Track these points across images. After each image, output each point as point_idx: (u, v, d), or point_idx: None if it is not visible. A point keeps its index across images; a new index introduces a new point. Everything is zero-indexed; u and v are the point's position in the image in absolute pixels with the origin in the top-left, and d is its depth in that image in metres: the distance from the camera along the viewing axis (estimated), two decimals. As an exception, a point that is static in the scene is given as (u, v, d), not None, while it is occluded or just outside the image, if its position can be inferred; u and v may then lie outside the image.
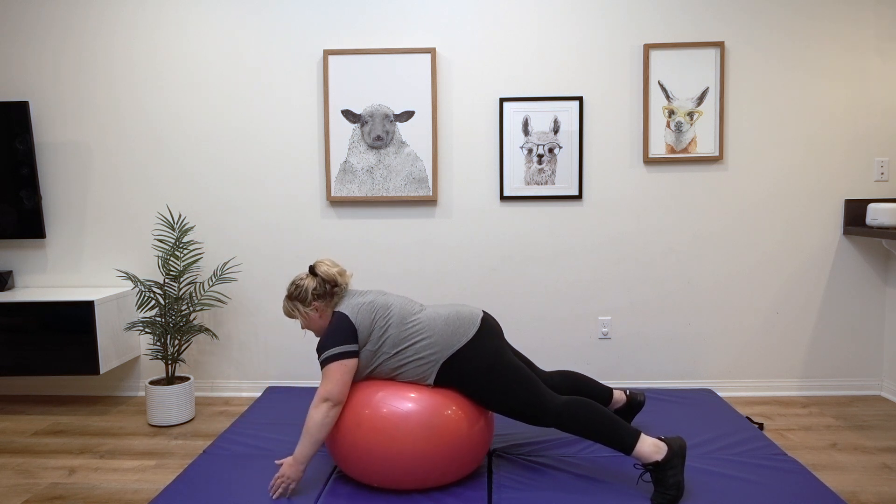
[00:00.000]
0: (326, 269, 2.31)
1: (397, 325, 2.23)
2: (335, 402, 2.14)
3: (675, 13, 3.26)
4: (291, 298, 2.33)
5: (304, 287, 2.31)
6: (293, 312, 2.35)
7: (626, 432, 2.13)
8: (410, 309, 2.29)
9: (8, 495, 2.36)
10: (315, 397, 2.16)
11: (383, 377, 2.26)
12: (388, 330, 2.22)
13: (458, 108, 3.34)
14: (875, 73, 3.26)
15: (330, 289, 2.31)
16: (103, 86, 3.39)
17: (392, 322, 2.23)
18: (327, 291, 2.31)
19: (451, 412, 2.17)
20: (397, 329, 2.23)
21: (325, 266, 2.32)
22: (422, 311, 2.30)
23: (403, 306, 2.29)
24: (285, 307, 2.37)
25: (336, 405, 2.15)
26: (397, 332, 2.22)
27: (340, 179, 3.36)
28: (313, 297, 2.30)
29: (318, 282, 2.30)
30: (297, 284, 2.33)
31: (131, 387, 3.53)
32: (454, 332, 2.22)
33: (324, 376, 2.17)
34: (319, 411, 2.13)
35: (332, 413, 2.14)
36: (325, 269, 2.31)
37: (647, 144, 3.29)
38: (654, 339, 3.42)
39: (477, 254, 3.41)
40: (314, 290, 2.30)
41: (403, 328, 2.23)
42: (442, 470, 2.16)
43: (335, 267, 2.34)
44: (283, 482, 2.17)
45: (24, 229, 3.37)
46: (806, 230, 3.34)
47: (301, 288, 2.31)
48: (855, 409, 3.17)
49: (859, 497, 2.28)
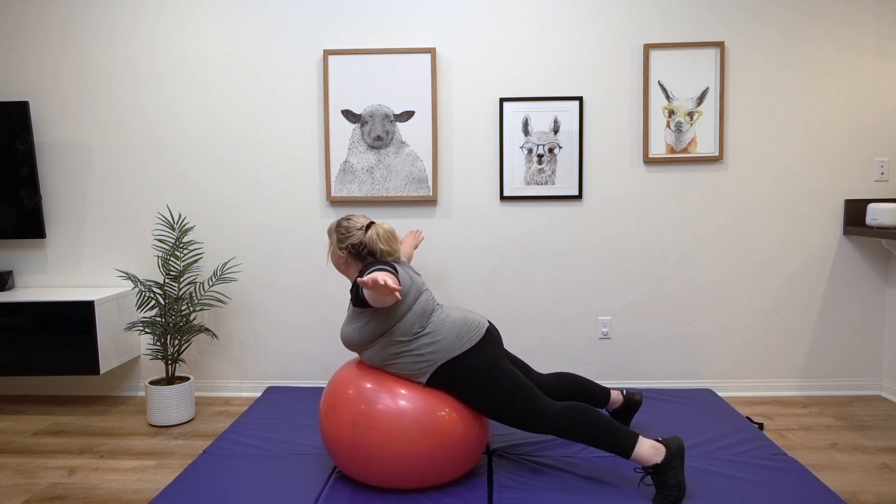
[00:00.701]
0: (373, 238, 2.26)
1: (418, 314, 2.21)
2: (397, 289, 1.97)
3: (675, 13, 3.26)
4: (337, 228, 2.31)
5: (350, 234, 2.28)
6: (331, 237, 2.34)
7: (624, 436, 2.13)
8: (431, 305, 2.27)
9: (8, 495, 2.36)
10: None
11: (376, 363, 2.24)
12: (408, 315, 2.20)
13: (458, 108, 3.34)
14: (875, 73, 3.26)
15: (365, 254, 2.29)
16: (103, 86, 3.39)
17: (415, 310, 2.21)
18: (360, 254, 2.29)
19: (446, 411, 2.17)
20: (415, 317, 2.20)
21: (375, 233, 2.27)
22: (437, 309, 2.29)
23: (428, 300, 2.27)
24: (331, 225, 2.35)
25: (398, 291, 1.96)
26: (413, 321, 2.20)
27: (340, 179, 3.36)
28: (349, 247, 2.28)
29: (367, 239, 2.27)
30: (348, 226, 2.29)
31: (131, 387, 3.53)
32: (459, 337, 2.21)
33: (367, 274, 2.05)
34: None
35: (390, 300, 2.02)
36: (372, 235, 2.27)
37: (647, 144, 3.29)
38: (654, 339, 3.42)
39: (477, 254, 3.41)
40: (357, 243, 2.27)
41: (420, 320, 2.21)
42: (439, 468, 2.16)
43: (386, 244, 2.27)
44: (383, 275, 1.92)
45: (24, 229, 3.37)
46: (806, 230, 3.35)
47: (349, 231, 2.29)
48: (855, 409, 3.17)
49: (859, 497, 2.28)
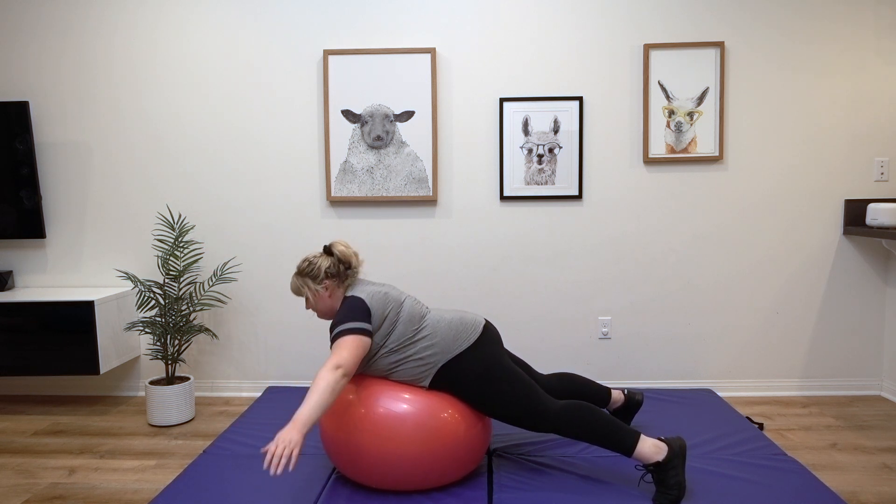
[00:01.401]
0: (343, 250, 2.28)
1: (406, 322, 2.21)
2: (346, 372, 2.00)
3: (675, 13, 3.26)
4: (302, 274, 2.29)
5: (318, 265, 2.27)
6: (302, 289, 2.30)
7: (626, 434, 2.13)
8: (419, 309, 2.28)
9: (8, 495, 2.36)
10: (326, 363, 2.01)
11: (379, 373, 2.24)
12: (397, 325, 2.20)
13: (458, 108, 3.34)
14: (875, 73, 3.26)
15: (343, 270, 2.28)
16: (103, 86, 3.39)
17: (402, 318, 2.21)
18: (340, 272, 2.28)
19: (449, 413, 2.17)
20: (405, 326, 2.21)
21: (341, 246, 2.29)
22: (428, 313, 2.29)
23: (413, 305, 2.27)
24: (294, 283, 2.31)
25: (346, 375, 2.01)
26: (404, 329, 2.21)
27: (340, 179, 3.36)
28: (325, 276, 2.26)
29: (332, 261, 2.28)
30: (309, 261, 2.29)
31: (131, 387, 3.53)
32: (456, 336, 2.22)
33: (337, 347, 2.05)
34: (333, 375, 1.97)
35: (343, 382, 2.01)
36: (341, 248, 2.28)
37: (647, 144, 3.29)
38: (654, 339, 3.42)
39: (477, 254, 3.41)
40: (328, 268, 2.27)
41: (411, 326, 2.21)
42: (440, 471, 2.16)
43: (350, 248, 2.31)
44: (284, 447, 1.84)
45: (24, 229, 3.37)
46: (806, 230, 3.35)
47: (314, 265, 2.28)
48: (855, 409, 3.17)
49: (859, 497, 2.28)
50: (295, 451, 1.85)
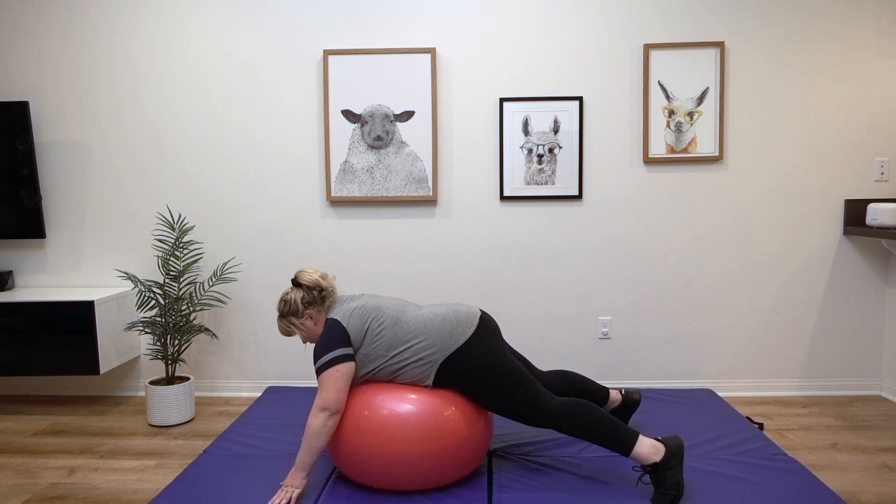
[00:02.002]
0: (308, 277, 2.31)
1: (391, 327, 2.22)
2: (333, 411, 2.13)
3: (675, 13, 3.26)
4: (284, 315, 2.32)
5: (292, 300, 2.30)
6: (289, 329, 2.34)
7: (624, 434, 2.13)
8: (405, 310, 2.28)
9: (8, 495, 2.36)
10: (313, 406, 2.15)
11: (383, 380, 2.26)
12: (382, 333, 2.21)
13: (458, 108, 3.34)
14: (875, 73, 3.26)
15: (318, 294, 2.30)
16: (103, 86, 3.39)
17: (386, 325, 2.22)
18: (315, 298, 2.30)
19: (450, 413, 2.17)
20: (392, 332, 2.22)
21: (306, 274, 2.32)
22: (418, 311, 2.29)
23: (397, 308, 2.28)
24: (280, 327, 2.35)
25: (334, 413, 2.13)
26: (392, 335, 2.21)
27: (340, 179, 3.36)
28: (304, 307, 2.29)
29: (304, 291, 2.30)
30: (284, 300, 2.32)
31: (131, 387, 3.53)
32: (452, 331, 2.22)
33: (320, 385, 2.16)
34: (317, 420, 2.12)
35: (331, 422, 2.13)
36: (306, 277, 2.31)
37: (647, 144, 3.29)
38: (654, 339, 3.42)
39: (477, 254, 3.41)
40: (303, 299, 2.29)
41: (399, 330, 2.22)
42: (441, 471, 2.16)
43: (316, 272, 2.33)
44: (287, 492, 2.14)
45: (24, 229, 3.37)
46: (806, 230, 3.35)
47: (289, 302, 2.30)
48: (855, 409, 3.17)
49: (859, 497, 2.28)
50: (296, 493, 2.14)
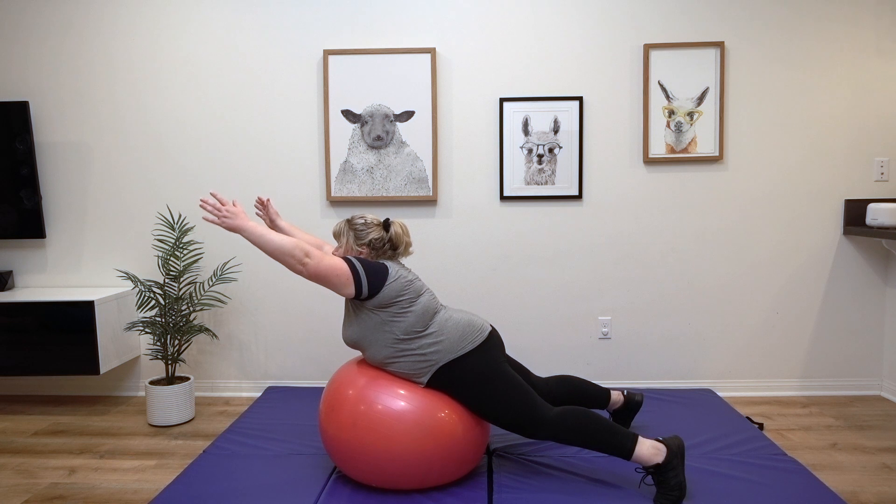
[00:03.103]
0: (398, 232, 2.29)
1: (418, 314, 2.20)
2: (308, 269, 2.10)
3: (675, 13, 3.26)
4: (352, 226, 2.29)
5: (369, 230, 2.28)
6: (342, 237, 2.31)
7: (624, 437, 2.12)
8: (434, 306, 2.26)
9: (8, 495, 2.36)
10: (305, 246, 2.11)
11: (378, 361, 2.23)
12: (407, 314, 2.19)
13: (458, 108, 3.34)
14: (875, 74, 3.26)
15: (388, 247, 2.29)
16: (103, 86, 3.39)
17: (414, 310, 2.20)
18: (383, 247, 2.29)
19: (448, 412, 2.17)
20: (416, 318, 2.20)
21: (398, 228, 2.30)
22: (440, 310, 2.28)
23: (430, 301, 2.26)
24: (339, 227, 2.32)
25: (305, 270, 2.10)
26: (414, 321, 2.19)
27: (340, 179, 3.36)
28: (368, 244, 2.27)
29: (383, 236, 2.28)
30: (365, 222, 2.29)
31: (131, 387, 3.53)
32: (461, 338, 2.21)
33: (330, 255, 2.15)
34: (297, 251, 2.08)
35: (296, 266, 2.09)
36: (397, 230, 2.29)
37: (647, 144, 3.29)
38: (654, 339, 3.42)
39: (477, 254, 3.41)
40: (375, 239, 2.27)
41: (421, 320, 2.20)
42: (440, 470, 2.16)
43: (407, 236, 2.32)
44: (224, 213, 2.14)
45: (24, 229, 3.37)
46: (806, 230, 3.35)
47: (368, 226, 2.28)
48: (855, 409, 3.17)
49: (859, 497, 2.28)
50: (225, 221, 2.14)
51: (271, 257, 2.08)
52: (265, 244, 2.10)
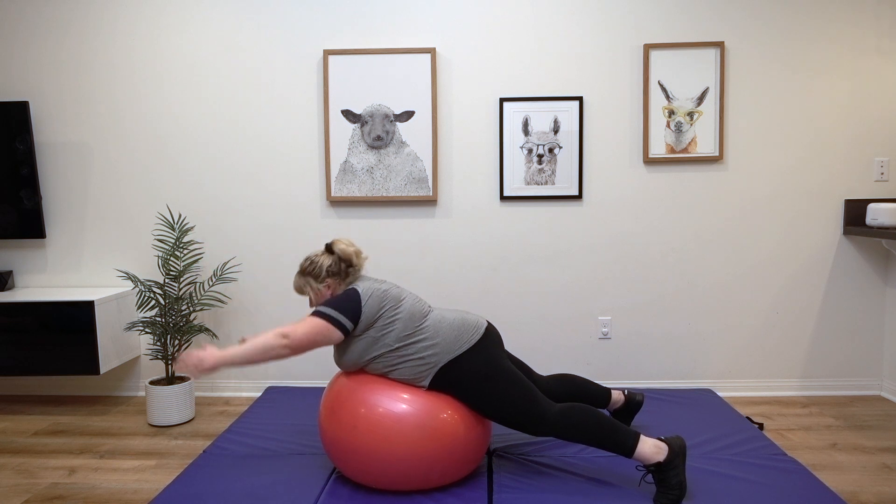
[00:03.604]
0: (343, 248, 2.29)
1: (405, 320, 2.21)
2: (292, 347, 2.08)
3: (675, 13, 3.26)
4: (305, 273, 2.31)
5: (320, 263, 2.29)
6: (304, 288, 2.32)
7: (626, 435, 2.12)
8: (420, 308, 2.27)
9: (8, 495, 2.36)
10: (279, 329, 2.10)
11: (378, 372, 2.23)
12: (394, 323, 2.20)
13: (458, 108, 3.34)
14: (875, 73, 3.26)
15: (345, 268, 2.29)
16: (103, 86, 3.39)
17: (400, 316, 2.21)
18: (342, 270, 2.29)
19: (449, 413, 2.17)
20: (404, 324, 2.20)
21: (342, 244, 2.30)
22: (430, 312, 2.28)
23: (414, 304, 2.27)
24: (297, 282, 2.33)
25: (291, 349, 2.08)
26: (403, 328, 2.20)
27: (340, 179, 3.36)
28: (327, 274, 2.28)
29: (333, 259, 2.29)
30: (311, 260, 2.30)
31: (131, 387, 3.53)
32: (457, 337, 2.21)
33: (302, 321, 2.12)
34: (275, 341, 2.07)
35: (283, 352, 2.08)
36: (342, 247, 2.30)
37: (647, 144, 3.30)
38: (654, 339, 3.42)
39: (477, 254, 3.41)
40: (329, 267, 2.28)
41: (409, 325, 2.20)
42: (440, 471, 2.16)
43: (352, 247, 2.32)
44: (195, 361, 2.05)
45: (24, 229, 3.37)
46: (806, 230, 3.35)
47: (316, 264, 2.29)
48: (855, 409, 3.17)
49: (859, 497, 2.28)
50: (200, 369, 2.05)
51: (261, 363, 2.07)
52: (248, 357, 2.07)
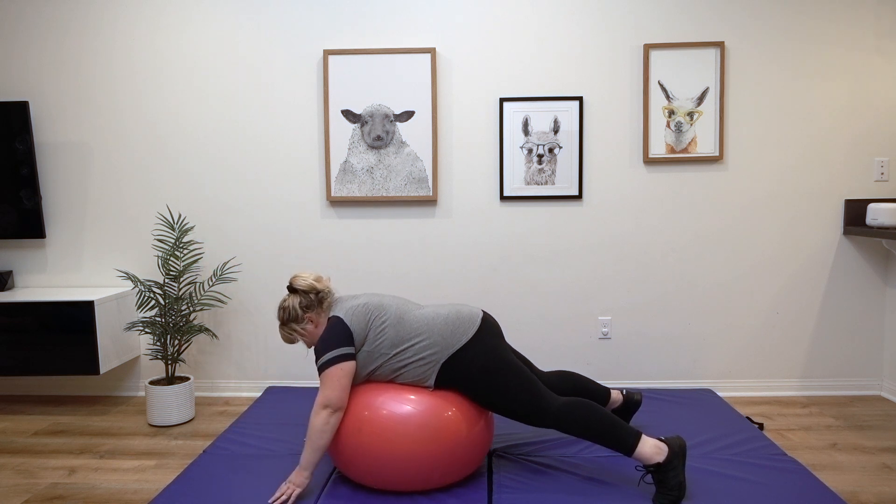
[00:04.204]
0: (303, 281, 2.30)
1: (394, 325, 2.22)
2: (335, 408, 2.13)
3: (675, 13, 3.26)
4: (285, 323, 2.31)
5: (290, 306, 2.29)
6: (292, 336, 2.33)
7: (627, 433, 2.13)
8: (408, 309, 2.28)
9: (8, 495, 2.36)
10: (315, 404, 2.15)
11: (383, 379, 2.25)
12: (385, 330, 2.21)
13: (458, 108, 3.34)
14: (875, 73, 3.26)
15: (315, 297, 2.30)
16: (103, 86, 3.39)
17: (389, 322, 2.22)
18: (313, 301, 2.30)
19: (451, 414, 2.17)
20: (395, 329, 2.21)
21: (300, 279, 2.31)
22: (421, 310, 2.29)
23: (400, 307, 2.28)
24: (283, 335, 2.35)
25: (336, 411, 2.13)
26: (395, 333, 2.21)
27: (340, 179, 3.36)
28: (304, 311, 2.29)
29: (300, 295, 2.30)
30: (283, 308, 2.31)
31: (131, 387, 3.53)
32: (454, 331, 2.21)
33: (322, 382, 2.15)
34: (319, 418, 2.12)
35: (333, 420, 2.13)
36: (300, 282, 2.30)
37: (647, 144, 3.29)
38: (654, 339, 3.42)
39: (477, 254, 3.41)
40: (300, 304, 2.29)
41: (401, 328, 2.22)
42: (441, 472, 2.16)
43: (310, 275, 2.33)
44: (289, 489, 2.14)
45: (24, 229, 3.37)
46: (806, 230, 3.35)
47: (288, 309, 2.30)
48: (855, 409, 3.17)
49: (859, 497, 2.28)
50: (297, 491, 2.14)
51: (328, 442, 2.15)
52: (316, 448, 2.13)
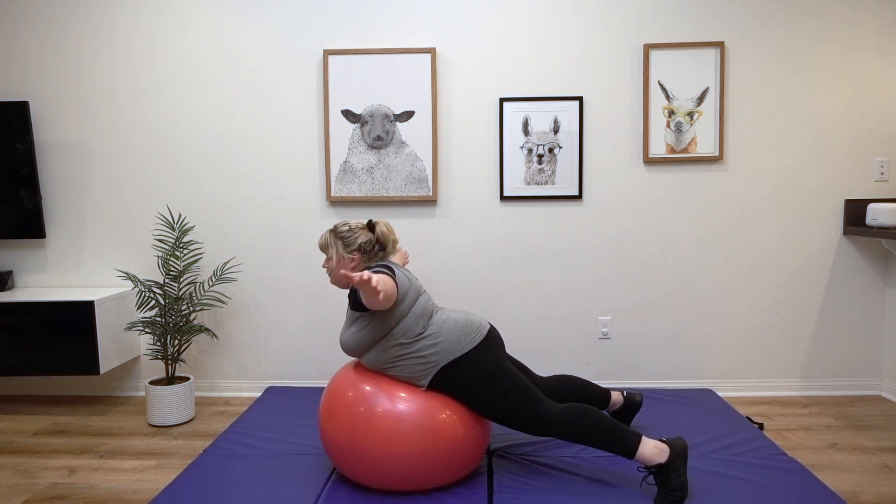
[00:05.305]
0: (384, 231, 2.29)
1: (417, 315, 2.20)
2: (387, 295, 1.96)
3: (675, 13, 3.26)
4: (337, 235, 2.29)
5: (356, 235, 2.28)
6: (329, 248, 2.30)
7: (627, 437, 2.12)
8: (431, 307, 2.26)
9: (8, 495, 2.36)
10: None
11: (377, 366, 2.22)
12: (408, 316, 2.18)
13: (458, 108, 3.34)
14: (875, 74, 3.26)
15: (377, 250, 2.30)
16: (103, 86, 3.39)
17: (414, 311, 2.20)
18: (372, 250, 2.29)
19: (449, 413, 2.17)
20: (415, 319, 2.19)
21: (383, 227, 2.30)
22: (437, 311, 2.28)
23: (427, 302, 2.26)
24: (324, 238, 2.31)
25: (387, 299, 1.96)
26: (413, 323, 2.19)
27: (340, 179, 3.36)
28: (358, 248, 2.27)
29: (370, 238, 2.28)
30: (350, 227, 2.29)
31: (131, 387, 3.53)
32: (460, 338, 2.20)
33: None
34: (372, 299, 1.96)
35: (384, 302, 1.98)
36: (383, 229, 2.29)
37: (647, 144, 3.29)
38: (654, 339, 3.42)
39: (477, 254, 3.41)
40: (364, 243, 2.28)
41: (420, 321, 2.20)
42: (440, 471, 2.16)
43: (392, 234, 2.32)
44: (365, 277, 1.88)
45: (24, 229, 3.37)
46: (806, 230, 3.35)
47: (353, 233, 2.28)
48: (855, 409, 3.17)
49: (859, 497, 2.28)
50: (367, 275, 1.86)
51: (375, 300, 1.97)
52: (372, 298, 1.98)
